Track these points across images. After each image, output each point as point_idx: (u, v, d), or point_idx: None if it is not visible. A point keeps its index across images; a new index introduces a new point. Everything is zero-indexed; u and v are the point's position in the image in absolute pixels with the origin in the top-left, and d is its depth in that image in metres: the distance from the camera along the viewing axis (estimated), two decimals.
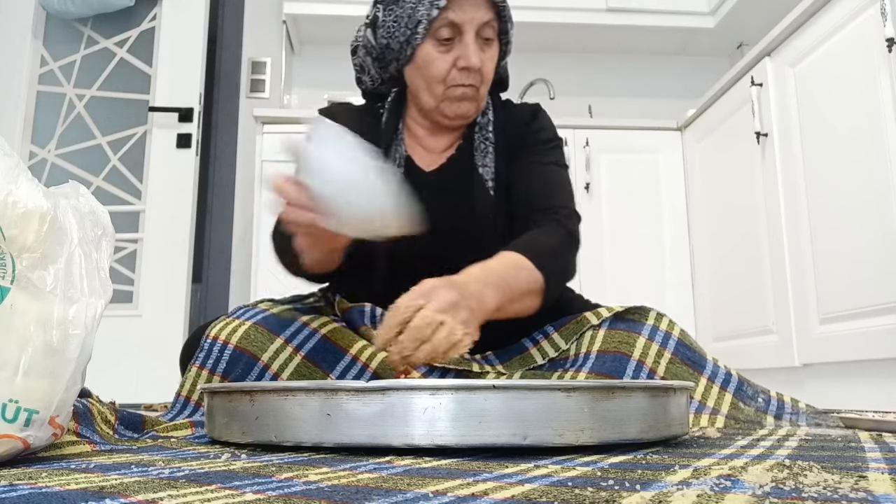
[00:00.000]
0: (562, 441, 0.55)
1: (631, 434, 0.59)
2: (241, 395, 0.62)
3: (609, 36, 3.10)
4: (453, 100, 1.05)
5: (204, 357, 0.95)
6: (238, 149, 2.95)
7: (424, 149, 1.13)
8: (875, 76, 1.59)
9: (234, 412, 0.63)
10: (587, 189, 2.56)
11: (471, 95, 1.05)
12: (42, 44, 2.82)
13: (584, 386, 0.57)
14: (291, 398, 0.58)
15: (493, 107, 1.13)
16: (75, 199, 0.59)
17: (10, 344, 0.50)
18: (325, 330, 0.98)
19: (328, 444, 0.57)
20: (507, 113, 1.15)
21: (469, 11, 1.01)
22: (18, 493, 0.37)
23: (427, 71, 1.05)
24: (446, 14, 1.01)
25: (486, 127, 1.10)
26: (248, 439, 0.61)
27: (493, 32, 1.04)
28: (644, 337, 0.94)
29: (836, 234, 1.73)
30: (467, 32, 1.01)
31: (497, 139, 1.10)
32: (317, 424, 0.57)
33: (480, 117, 1.11)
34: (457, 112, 1.06)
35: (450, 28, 1.02)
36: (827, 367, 1.80)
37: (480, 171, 1.08)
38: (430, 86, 1.05)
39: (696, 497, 0.35)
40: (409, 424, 0.55)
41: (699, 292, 2.50)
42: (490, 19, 1.02)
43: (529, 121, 1.13)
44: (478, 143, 1.10)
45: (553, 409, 0.55)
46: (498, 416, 0.54)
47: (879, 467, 0.48)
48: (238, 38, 3.06)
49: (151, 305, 2.59)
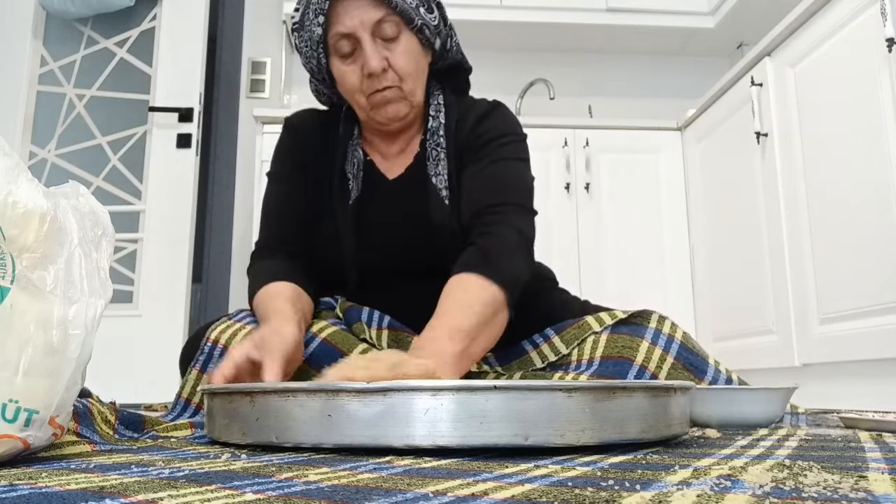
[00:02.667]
0: (563, 441, 0.55)
1: (632, 434, 0.59)
2: (241, 396, 0.62)
3: (609, 36, 3.10)
4: (378, 106, 1.03)
5: (205, 360, 0.95)
6: (238, 149, 2.95)
7: (383, 156, 1.12)
8: (875, 76, 1.59)
9: (235, 413, 0.63)
10: (587, 189, 2.56)
11: (394, 97, 1.02)
12: (42, 44, 2.82)
13: (585, 386, 0.57)
14: (292, 399, 0.58)
15: (445, 106, 1.10)
16: (75, 199, 0.59)
17: (10, 344, 0.50)
18: (324, 334, 0.98)
19: (329, 444, 0.57)
20: (464, 111, 1.11)
21: (355, 17, 0.97)
22: (18, 493, 0.37)
23: (343, 86, 1.04)
24: (335, 29, 0.99)
25: (437, 132, 1.07)
26: (249, 440, 0.61)
27: (394, 28, 0.99)
28: (647, 341, 0.93)
29: (836, 234, 1.73)
30: (362, 38, 0.98)
31: (449, 143, 1.07)
32: (317, 425, 0.57)
33: (431, 121, 1.08)
34: (386, 116, 1.04)
35: (346, 40, 0.99)
36: (827, 367, 1.80)
37: (434, 180, 1.05)
38: (353, 98, 1.04)
39: (696, 497, 0.35)
40: (410, 425, 0.55)
41: (699, 292, 2.50)
42: (382, 16, 0.98)
43: (481, 119, 1.09)
44: (429, 150, 1.07)
45: (554, 410, 0.55)
46: (499, 416, 0.54)
47: (879, 467, 0.48)
48: (238, 38, 3.06)
49: (151, 305, 2.59)
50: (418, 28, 1.01)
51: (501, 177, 1.04)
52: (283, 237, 1.09)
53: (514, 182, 1.05)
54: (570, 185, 2.55)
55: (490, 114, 1.10)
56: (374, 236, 1.07)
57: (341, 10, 0.98)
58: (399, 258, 1.07)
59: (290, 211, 1.10)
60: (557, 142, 2.58)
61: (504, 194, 1.02)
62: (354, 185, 1.07)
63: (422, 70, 1.05)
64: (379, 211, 1.08)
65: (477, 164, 1.05)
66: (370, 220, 1.07)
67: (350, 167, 1.08)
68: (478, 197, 1.02)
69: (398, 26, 0.99)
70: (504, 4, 2.95)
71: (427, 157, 1.07)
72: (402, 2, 0.98)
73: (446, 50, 1.10)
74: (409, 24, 1.00)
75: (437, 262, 1.04)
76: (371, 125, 1.08)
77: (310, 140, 1.12)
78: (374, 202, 1.08)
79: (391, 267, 1.07)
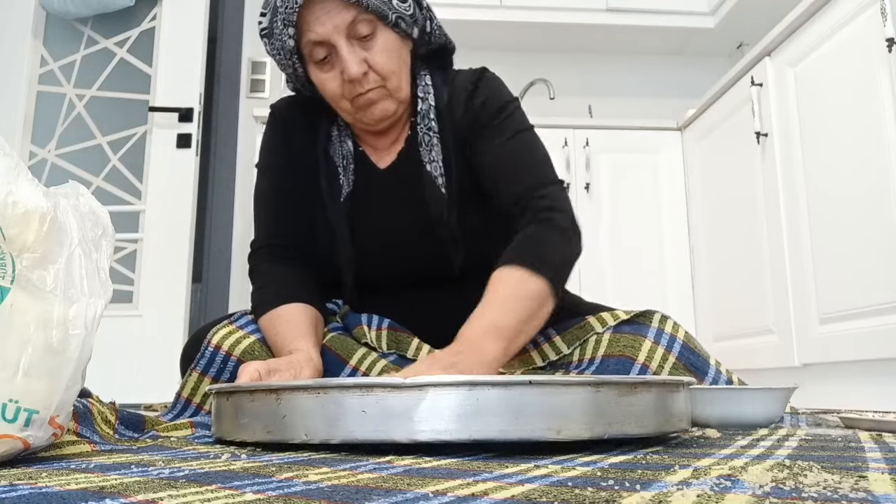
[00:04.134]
0: (591, 435, 0.57)
1: (650, 428, 0.61)
2: (266, 393, 0.62)
3: (609, 36, 3.10)
4: (363, 108, 0.98)
5: (206, 364, 0.95)
6: (238, 149, 2.95)
7: (373, 146, 1.08)
8: (875, 76, 1.59)
9: (257, 411, 0.62)
10: (587, 189, 2.56)
11: (379, 97, 0.98)
12: (42, 44, 2.82)
13: (611, 381, 0.59)
14: (323, 395, 0.58)
15: (434, 87, 1.05)
16: (75, 199, 0.59)
17: (10, 344, 0.50)
18: (324, 340, 0.98)
19: (360, 440, 0.56)
20: (452, 87, 1.06)
21: (327, 23, 0.93)
22: (18, 493, 0.37)
23: (325, 93, 1.00)
24: (308, 37, 0.94)
25: (427, 115, 1.03)
26: (275, 438, 0.61)
27: (369, 26, 0.94)
28: (650, 340, 0.93)
29: (836, 234, 1.73)
30: (337, 44, 0.93)
31: (442, 125, 1.03)
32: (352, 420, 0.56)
33: (421, 104, 1.04)
34: (373, 118, 1.00)
35: (320, 47, 0.95)
36: (827, 367, 1.80)
37: (428, 167, 1.02)
38: (336, 103, 1.00)
39: (696, 497, 0.35)
40: (443, 419, 0.55)
41: (699, 292, 2.50)
42: (354, 17, 0.93)
43: (471, 93, 1.04)
44: (421, 136, 1.03)
45: (585, 404, 0.57)
46: (533, 411, 0.56)
47: (879, 467, 0.48)
48: (238, 38, 3.06)
49: (151, 305, 2.59)
50: (394, 23, 0.97)
51: (528, 153, 1.01)
52: (280, 235, 1.06)
53: (541, 157, 1.02)
54: (570, 185, 2.55)
55: (480, 84, 1.05)
56: (370, 236, 1.04)
57: (311, 18, 0.93)
58: (398, 259, 1.04)
59: (283, 206, 1.06)
60: (557, 142, 2.58)
61: (538, 173, 0.99)
62: (345, 179, 1.04)
63: (404, 62, 1.01)
64: (373, 206, 1.05)
65: (491, 140, 1.01)
66: (364, 217, 1.04)
67: (340, 159, 1.05)
68: (514, 178, 0.99)
69: (373, 24, 0.95)
70: (504, 4, 2.95)
71: (420, 143, 1.03)
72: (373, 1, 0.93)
73: (427, 33, 1.04)
74: (383, 19, 0.95)
75: (440, 266, 1.02)
76: (359, 126, 1.04)
77: (297, 129, 1.08)
78: (368, 196, 1.05)
79: (390, 270, 1.05)
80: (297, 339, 0.91)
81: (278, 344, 0.93)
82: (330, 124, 1.07)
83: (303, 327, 0.94)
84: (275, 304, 0.97)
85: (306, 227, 1.06)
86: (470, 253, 1.02)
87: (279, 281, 1.01)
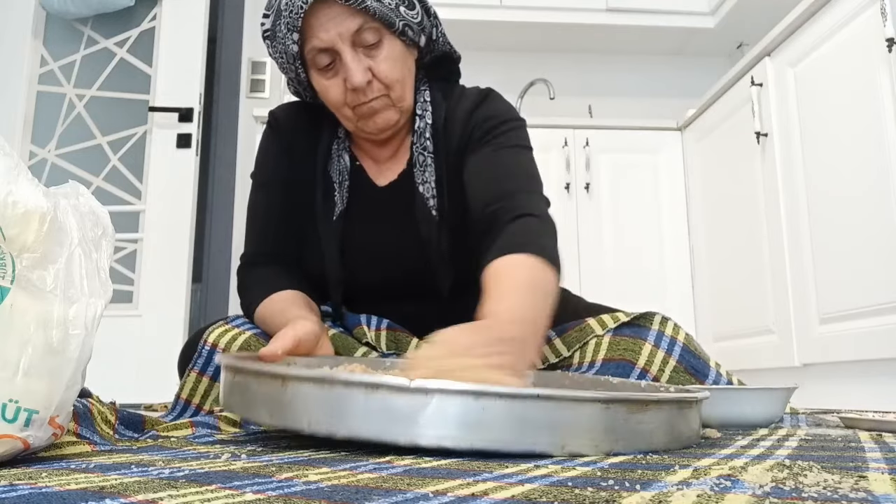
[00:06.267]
0: (597, 452, 0.55)
1: (659, 445, 0.59)
2: (273, 378, 0.61)
3: (609, 36, 3.10)
4: (366, 117, 0.97)
5: (203, 364, 0.95)
6: (238, 149, 2.95)
7: (374, 160, 1.06)
8: (875, 76, 1.59)
9: (265, 395, 0.62)
10: (587, 189, 2.56)
11: (382, 106, 0.96)
12: (42, 44, 2.82)
13: (621, 398, 0.57)
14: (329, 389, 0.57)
15: (432, 104, 1.03)
16: (75, 199, 0.59)
17: (10, 344, 0.50)
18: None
19: (363, 438, 0.56)
20: (452, 106, 1.04)
21: (331, 30, 0.90)
22: (18, 493, 0.37)
23: (327, 100, 0.98)
24: (312, 43, 0.92)
25: (423, 133, 1.01)
26: (276, 423, 0.60)
27: (375, 34, 0.92)
28: (650, 343, 0.92)
29: (836, 234, 1.73)
30: (341, 51, 0.91)
31: (437, 143, 1.01)
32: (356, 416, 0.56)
33: (418, 121, 1.01)
34: (376, 127, 0.98)
35: (324, 54, 0.92)
36: (827, 367, 1.80)
37: (421, 189, 0.99)
38: (338, 111, 0.98)
39: (696, 497, 0.35)
40: (447, 426, 0.54)
41: (699, 292, 2.50)
42: (361, 24, 0.91)
43: (473, 111, 1.02)
44: (416, 155, 1.01)
45: (593, 420, 0.56)
46: (539, 424, 0.54)
47: (879, 467, 0.48)
48: (238, 38, 3.06)
49: (151, 305, 2.59)
50: (400, 31, 0.94)
51: (504, 165, 0.97)
52: (270, 255, 1.05)
53: (529, 170, 0.98)
54: (569, 185, 2.55)
55: (482, 103, 1.03)
56: (359, 255, 1.02)
57: (315, 23, 0.91)
58: (386, 278, 1.02)
59: (277, 224, 1.05)
60: (557, 142, 2.58)
61: (515, 182, 0.95)
62: (339, 197, 1.02)
63: (409, 71, 0.99)
64: (365, 226, 1.03)
65: (476, 154, 0.99)
66: (356, 235, 1.03)
67: (335, 175, 1.02)
68: (485, 188, 0.95)
69: (379, 32, 0.92)
70: (504, 4, 2.95)
71: (414, 164, 1.01)
72: (381, 6, 0.91)
73: (433, 41, 1.03)
74: (390, 27, 0.93)
75: (429, 286, 1.01)
76: (359, 135, 1.02)
77: (296, 139, 1.06)
78: (361, 215, 1.03)
79: (378, 288, 1.04)
80: (300, 311, 0.90)
81: (277, 321, 0.90)
82: (331, 135, 1.05)
83: (301, 305, 0.93)
84: (266, 293, 0.97)
85: (298, 245, 1.05)
86: (459, 276, 1.00)
87: (267, 278, 1.01)
